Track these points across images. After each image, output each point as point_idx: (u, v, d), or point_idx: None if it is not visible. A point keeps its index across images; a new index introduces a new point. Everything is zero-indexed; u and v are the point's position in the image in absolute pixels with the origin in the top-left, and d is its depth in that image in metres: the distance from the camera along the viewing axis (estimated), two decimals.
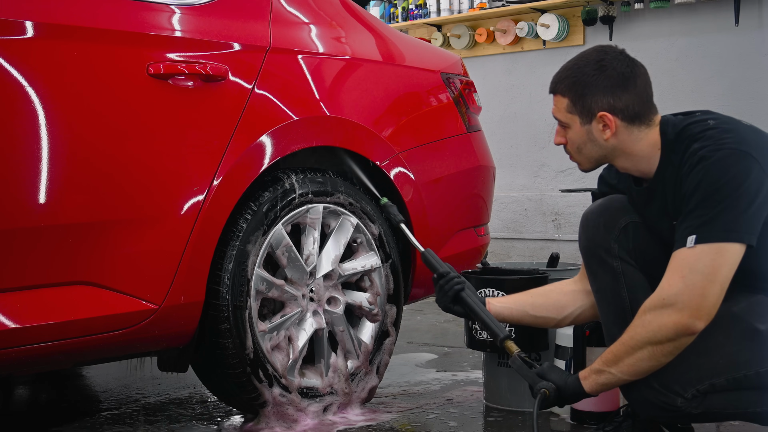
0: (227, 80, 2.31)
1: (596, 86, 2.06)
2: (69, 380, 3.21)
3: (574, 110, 2.10)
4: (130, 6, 2.22)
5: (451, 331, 4.11)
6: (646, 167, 2.10)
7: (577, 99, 2.09)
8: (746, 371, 1.97)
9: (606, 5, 5.33)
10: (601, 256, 2.18)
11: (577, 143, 2.13)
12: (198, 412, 2.69)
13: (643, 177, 2.14)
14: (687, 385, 1.98)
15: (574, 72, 2.10)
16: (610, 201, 2.23)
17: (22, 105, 1.97)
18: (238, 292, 2.32)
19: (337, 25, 2.77)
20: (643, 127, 2.08)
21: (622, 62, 2.08)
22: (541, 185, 5.75)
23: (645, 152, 2.09)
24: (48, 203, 2.00)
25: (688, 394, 1.98)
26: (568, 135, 2.14)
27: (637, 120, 2.07)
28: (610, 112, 2.06)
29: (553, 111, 2.15)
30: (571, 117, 2.11)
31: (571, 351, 2.49)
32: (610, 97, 2.06)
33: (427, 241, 2.79)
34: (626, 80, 2.06)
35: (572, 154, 2.17)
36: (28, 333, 1.97)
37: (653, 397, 2.00)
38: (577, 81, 2.09)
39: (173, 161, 2.21)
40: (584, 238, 2.24)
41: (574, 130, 2.12)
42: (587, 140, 2.11)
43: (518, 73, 5.80)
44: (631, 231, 2.16)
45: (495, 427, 2.52)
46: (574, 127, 2.11)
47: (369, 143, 2.64)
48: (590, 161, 2.15)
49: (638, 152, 2.09)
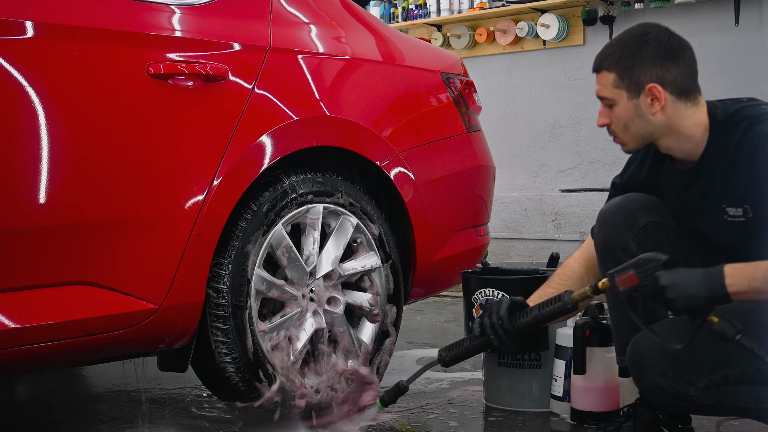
0: (227, 80, 2.31)
1: (644, 58, 2.04)
2: (69, 380, 3.21)
3: (621, 84, 2.07)
4: (130, 6, 2.22)
5: (452, 331, 4.11)
6: (691, 148, 2.07)
7: (625, 72, 2.06)
8: (759, 365, 1.96)
9: (606, 5, 5.34)
10: (617, 254, 2.16)
11: (623, 120, 2.09)
12: (198, 412, 2.69)
13: (685, 159, 2.11)
14: (701, 375, 1.98)
15: (621, 46, 2.08)
16: (629, 199, 2.21)
17: (23, 105, 1.97)
18: (238, 292, 2.32)
19: (337, 25, 2.77)
20: (689, 104, 2.06)
21: (668, 36, 2.06)
22: (541, 185, 5.75)
23: (692, 131, 2.06)
24: (48, 203, 2.00)
25: (701, 383, 1.98)
26: (613, 113, 2.10)
27: (684, 95, 2.05)
28: (659, 84, 2.04)
29: (597, 90, 2.11)
30: (617, 92, 2.07)
31: (571, 351, 2.49)
32: (658, 69, 2.04)
33: (427, 241, 2.79)
34: (674, 52, 2.05)
35: (617, 133, 2.12)
36: (28, 333, 1.97)
37: (666, 385, 2.00)
38: (624, 54, 2.06)
39: (173, 161, 2.21)
40: (600, 235, 2.22)
41: (621, 106, 2.08)
42: (635, 116, 2.07)
43: (518, 73, 5.80)
44: (650, 231, 2.15)
45: (495, 427, 2.52)
46: (621, 103, 2.08)
47: (369, 143, 2.63)
48: (636, 139, 2.11)
49: (685, 131, 2.07)
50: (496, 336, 2.14)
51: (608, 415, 2.38)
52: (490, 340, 2.15)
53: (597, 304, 2.46)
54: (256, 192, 2.38)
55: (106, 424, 2.58)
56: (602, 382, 2.44)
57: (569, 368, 2.51)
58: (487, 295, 2.59)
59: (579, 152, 5.64)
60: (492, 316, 2.15)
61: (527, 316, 2.14)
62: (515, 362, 2.64)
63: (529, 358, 2.63)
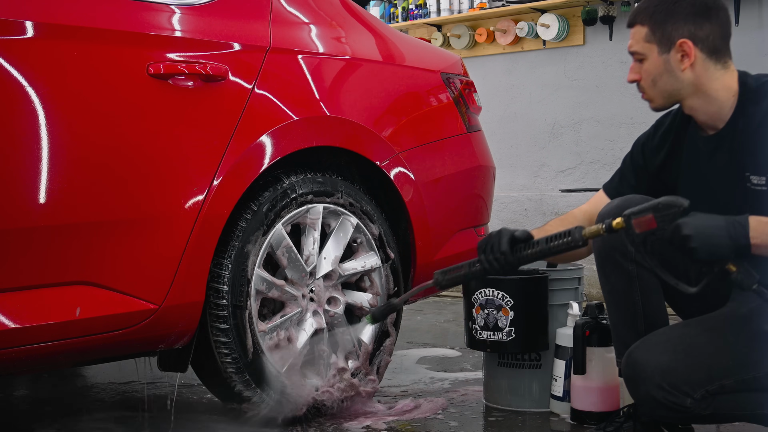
0: (227, 80, 2.31)
1: (678, 13, 2.04)
2: (68, 379, 3.21)
3: (653, 38, 2.07)
4: (130, 6, 2.22)
5: (451, 331, 4.11)
6: (716, 111, 2.07)
7: (657, 26, 2.06)
8: (755, 372, 1.96)
9: (606, 5, 5.33)
10: (616, 258, 2.15)
11: (653, 75, 2.09)
12: (198, 412, 2.69)
13: (707, 123, 2.10)
14: (696, 386, 1.97)
15: (656, 1, 2.08)
16: (626, 201, 2.17)
17: (23, 105, 1.97)
18: (238, 292, 2.32)
19: (337, 25, 2.77)
20: (719, 66, 2.06)
21: None
22: (541, 185, 5.74)
23: (718, 94, 2.06)
24: (48, 203, 2.00)
25: (697, 394, 1.97)
26: (643, 67, 2.10)
27: (715, 55, 2.05)
28: (690, 40, 2.04)
29: (629, 46, 2.11)
30: (648, 47, 2.08)
31: (571, 351, 2.49)
32: (691, 25, 2.04)
33: (427, 241, 2.79)
34: (709, 10, 2.04)
35: (646, 89, 2.12)
36: (28, 333, 1.97)
37: (662, 398, 1.98)
38: (658, 9, 2.06)
39: (173, 161, 2.20)
40: (599, 240, 2.18)
41: (651, 61, 2.08)
42: (664, 71, 2.08)
43: (518, 73, 5.80)
44: None
45: (495, 427, 2.52)
46: (651, 57, 2.08)
47: (369, 143, 2.63)
48: (663, 96, 2.11)
49: (712, 92, 2.06)
50: (500, 265, 2.04)
51: (608, 415, 2.38)
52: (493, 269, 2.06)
53: (597, 304, 2.46)
54: (256, 192, 2.38)
55: (106, 424, 2.58)
56: (602, 382, 2.44)
57: (569, 368, 2.51)
58: (487, 295, 2.59)
59: (579, 152, 5.63)
60: (494, 249, 2.05)
61: (533, 247, 2.03)
62: (515, 362, 2.64)
63: (529, 358, 2.63)
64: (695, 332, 2.04)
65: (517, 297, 2.57)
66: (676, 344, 2.01)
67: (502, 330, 2.58)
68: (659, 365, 1.99)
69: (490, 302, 2.58)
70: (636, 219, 1.91)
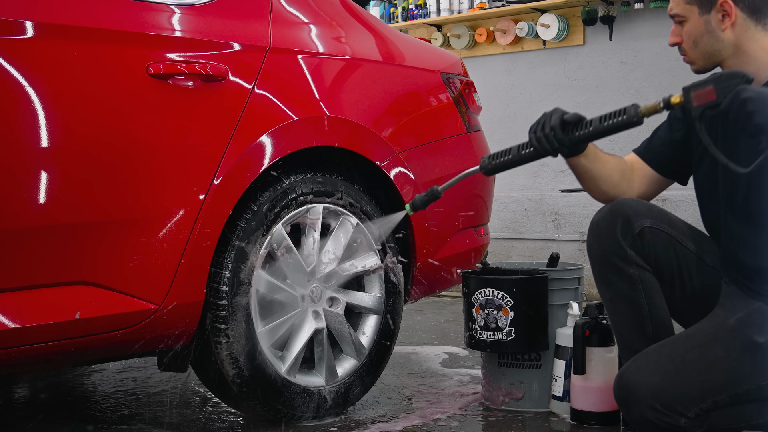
0: (227, 80, 2.31)
1: None
2: (68, 379, 3.21)
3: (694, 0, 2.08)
4: (130, 6, 2.22)
5: (452, 330, 4.11)
6: (754, 72, 2.03)
7: None
8: (748, 386, 1.96)
9: (606, 5, 5.33)
10: (616, 264, 2.13)
11: (693, 36, 2.10)
12: (198, 411, 2.69)
13: None
14: (690, 405, 1.96)
15: None
16: (620, 206, 2.16)
17: (22, 105, 1.97)
18: (238, 292, 2.32)
19: (337, 25, 2.77)
20: (759, 26, 2.06)
21: None
22: (541, 185, 5.74)
23: (757, 55, 2.06)
24: (48, 203, 2.00)
25: (691, 413, 1.97)
26: (684, 29, 2.10)
27: (755, 14, 2.05)
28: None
29: (669, 9, 2.12)
30: (689, 8, 2.09)
31: (571, 351, 2.49)
32: None
33: (426, 241, 2.79)
34: None
35: (687, 50, 2.12)
36: (28, 333, 1.97)
37: (656, 419, 1.98)
38: None
39: (173, 161, 2.20)
40: (596, 246, 2.17)
41: (692, 22, 2.09)
42: (704, 32, 2.08)
43: (518, 73, 5.80)
44: (647, 235, 2.12)
45: (495, 427, 2.52)
46: (692, 19, 2.09)
47: (369, 143, 2.63)
48: (704, 57, 2.10)
49: (752, 53, 2.06)
50: (550, 144, 2.04)
51: (608, 415, 2.39)
52: (543, 148, 2.04)
53: (597, 304, 2.46)
54: (256, 192, 2.38)
55: (106, 423, 2.58)
56: (602, 382, 2.44)
57: (569, 368, 2.51)
58: (487, 295, 2.59)
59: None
60: (545, 127, 2.05)
61: (586, 127, 2.01)
62: (515, 362, 2.65)
63: (529, 358, 2.63)
64: (684, 349, 2.03)
65: (517, 297, 2.57)
66: (666, 364, 2.00)
67: (502, 330, 2.58)
68: (651, 386, 1.98)
69: (490, 302, 2.59)
70: (695, 92, 1.87)
